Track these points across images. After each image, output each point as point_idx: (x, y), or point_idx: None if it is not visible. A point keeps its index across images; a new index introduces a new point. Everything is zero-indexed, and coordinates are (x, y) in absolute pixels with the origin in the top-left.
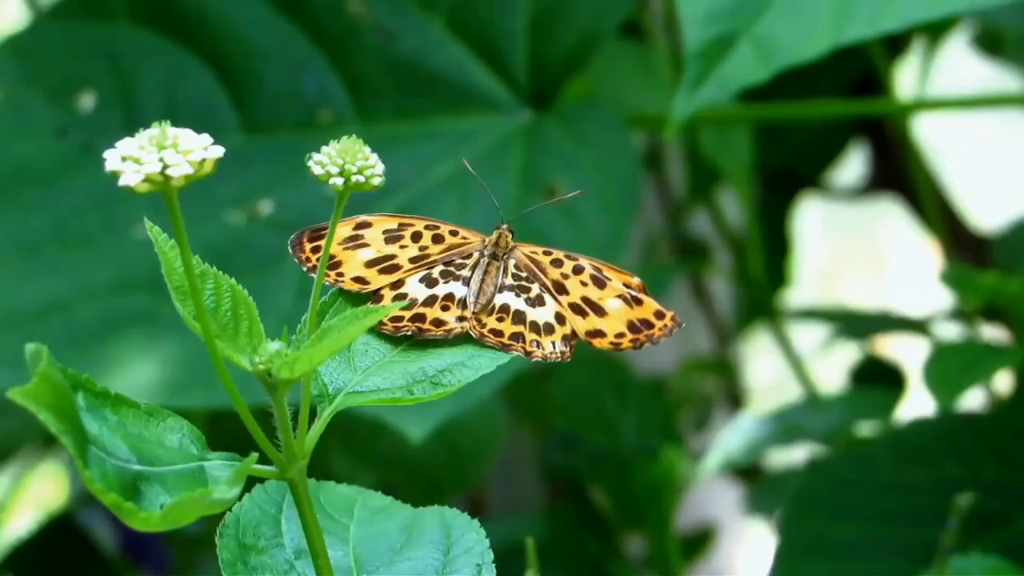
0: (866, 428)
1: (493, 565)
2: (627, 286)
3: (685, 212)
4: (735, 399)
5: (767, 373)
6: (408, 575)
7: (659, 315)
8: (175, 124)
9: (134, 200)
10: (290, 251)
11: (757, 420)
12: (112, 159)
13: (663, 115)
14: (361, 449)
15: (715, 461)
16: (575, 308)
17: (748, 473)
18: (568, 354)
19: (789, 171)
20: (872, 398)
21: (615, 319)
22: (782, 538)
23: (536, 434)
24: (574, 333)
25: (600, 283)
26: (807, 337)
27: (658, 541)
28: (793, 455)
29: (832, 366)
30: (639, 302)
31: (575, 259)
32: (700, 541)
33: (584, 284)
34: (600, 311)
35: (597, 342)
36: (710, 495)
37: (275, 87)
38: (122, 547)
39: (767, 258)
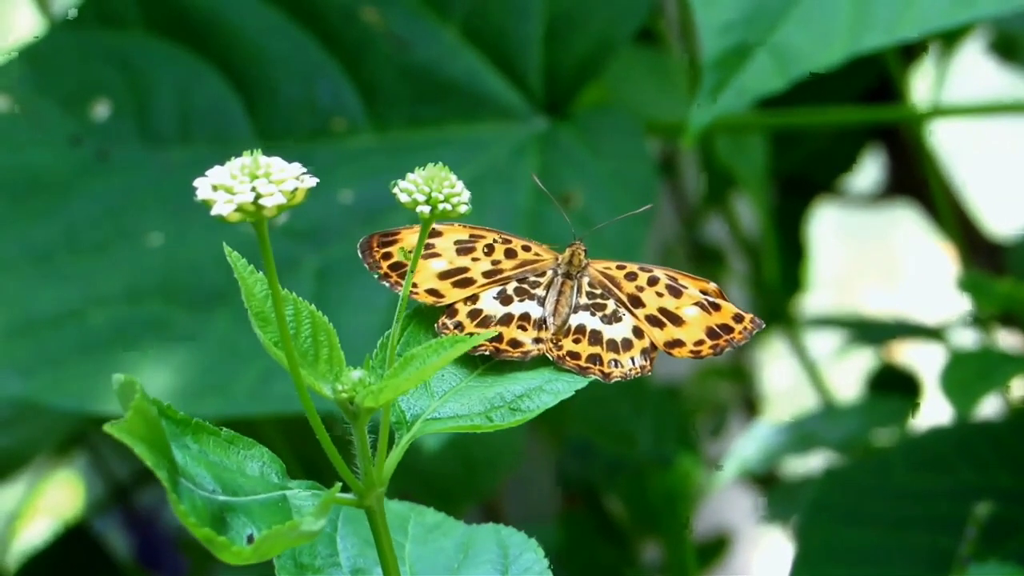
0: (882, 436)
1: None
2: (704, 292)
3: (700, 218)
4: (750, 405)
5: (782, 379)
6: None
7: (738, 318)
8: (189, 132)
9: (147, 208)
10: (359, 254)
11: (773, 428)
12: (203, 188)
13: (678, 122)
14: None
15: (731, 469)
16: (652, 320)
17: (764, 480)
18: (648, 368)
19: (804, 177)
20: (888, 406)
21: (693, 327)
22: (798, 545)
23: (551, 442)
24: (653, 346)
25: (676, 292)
26: (822, 343)
27: (674, 548)
28: (809, 463)
29: (847, 372)
30: (717, 307)
31: (649, 271)
32: (716, 548)
33: (660, 295)
34: (678, 320)
35: (677, 352)
36: (726, 502)
37: (289, 95)
38: (136, 555)
39: (782, 264)
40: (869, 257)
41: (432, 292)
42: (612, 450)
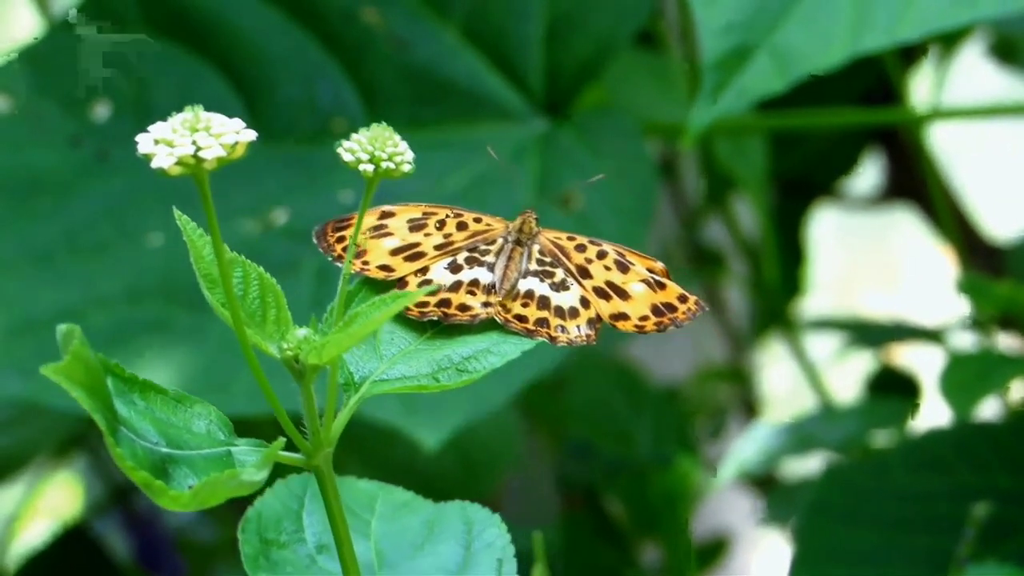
0: (881, 438)
1: (515, 559)
2: (651, 271)
3: (700, 220)
4: (749, 407)
5: (781, 381)
6: (430, 570)
7: (682, 299)
8: None
9: (148, 208)
10: (315, 241)
11: (772, 430)
12: (145, 142)
13: (678, 124)
14: (375, 458)
15: (730, 470)
16: (599, 292)
17: (763, 482)
18: (594, 337)
19: (804, 179)
20: (887, 407)
21: (639, 302)
22: (797, 546)
23: (551, 443)
24: (599, 316)
25: (624, 267)
26: (821, 345)
27: (673, 550)
28: (808, 464)
29: (846, 375)
30: (662, 286)
31: (599, 244)
32: (715, 550)
33: (608, 268)
34: (624, 295)
35: (621, 325)
36: (725, 504)
37: (289, 96)
38: (136, 557)
39: (782, 266)
40: (868, 259)
41: (384, 267)
42: (612, 451)
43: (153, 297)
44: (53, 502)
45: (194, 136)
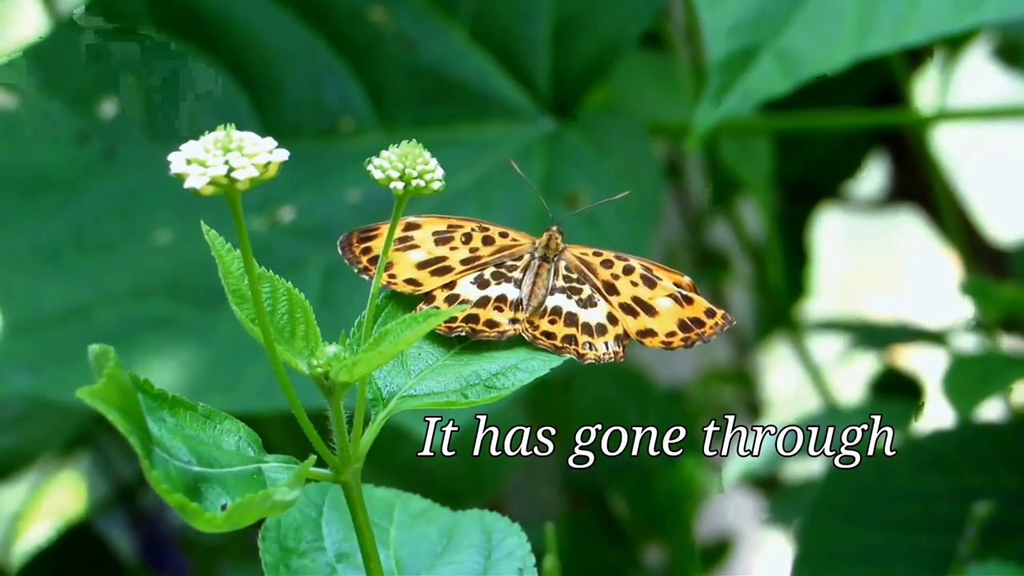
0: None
1: (535, 569)
2: (678, 285)
3: (705, 222)
4: (753, 409)
5: (785, 384)
6: None
7: (710, 313)
8: (196, 131)
9: (154, 206)
10: (339, 252)
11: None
12: (177, 162)
13: (683, 124)
14: (381, 456)
15: (734, 472)
16: (626, 308)
17: (766, 484)
18: (621, 354)
19: (809, 182)
20: (891, 409)
21: (666, 318)
22: (800, 546)
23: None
24: (626, 333)
25: (650, 283)
26: (826, 348)
27: (677, 551)
28: (811, 466)
29: (850, 377)
30: (690, 301)
31: (625, 259)
32: (718, 551)
33: (635, 284)
34: (651, 310)
35: (648, 341)
36: (729, 505)
37: (297, 95)
38: (140, 555)
39: (786, 269)
40: (873, 262)
41: (411, 281)
42: None
43: (160, 294)
44: (57, 500)
45: (227, 156)
